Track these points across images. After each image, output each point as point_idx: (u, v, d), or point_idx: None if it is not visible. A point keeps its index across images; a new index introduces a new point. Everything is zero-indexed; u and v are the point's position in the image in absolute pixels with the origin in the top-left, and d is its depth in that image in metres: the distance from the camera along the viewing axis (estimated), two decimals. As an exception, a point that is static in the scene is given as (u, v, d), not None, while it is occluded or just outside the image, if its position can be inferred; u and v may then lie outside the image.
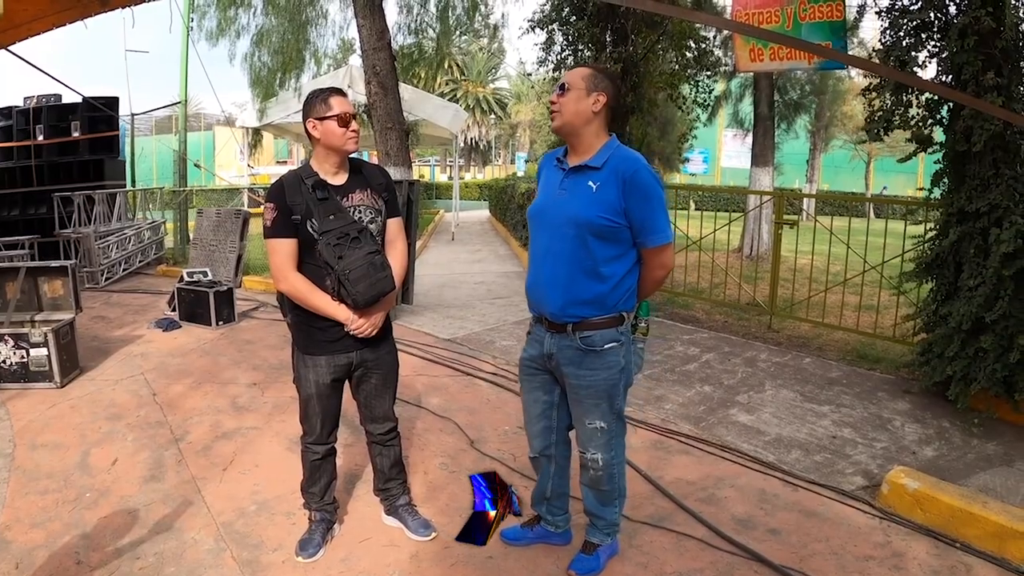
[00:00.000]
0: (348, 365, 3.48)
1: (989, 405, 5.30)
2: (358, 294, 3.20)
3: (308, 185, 3.26)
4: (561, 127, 3.12)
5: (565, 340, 3.15)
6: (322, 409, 3.53)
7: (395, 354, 3.72)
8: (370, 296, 3.24)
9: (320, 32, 12.14)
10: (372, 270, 3.23)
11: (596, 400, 3.17)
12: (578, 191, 3.05)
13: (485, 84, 56.00)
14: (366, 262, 3.21)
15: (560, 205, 3.10)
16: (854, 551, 3.66)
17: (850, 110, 25.46)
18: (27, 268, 6.64)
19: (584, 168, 3.06)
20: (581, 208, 3.01)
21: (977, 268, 5.27)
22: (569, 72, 3.14)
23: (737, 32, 12.11)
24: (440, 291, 10.86)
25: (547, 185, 3.25)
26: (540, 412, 3.43)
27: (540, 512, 3.69)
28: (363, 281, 3.20)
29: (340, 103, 3.28)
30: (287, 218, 3.24)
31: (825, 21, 10.30)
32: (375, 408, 3.69)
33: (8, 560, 3.53)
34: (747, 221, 14.26)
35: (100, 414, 5.55)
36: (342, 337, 3.38)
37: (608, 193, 2.98)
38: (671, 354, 7.10)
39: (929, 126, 5.74)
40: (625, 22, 9.53)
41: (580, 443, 3.32)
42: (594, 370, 3.13)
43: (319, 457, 3.63)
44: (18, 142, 13.05)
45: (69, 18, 8.55)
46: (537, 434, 3.48)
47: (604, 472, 3.28)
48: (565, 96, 3.06)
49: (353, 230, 3.25)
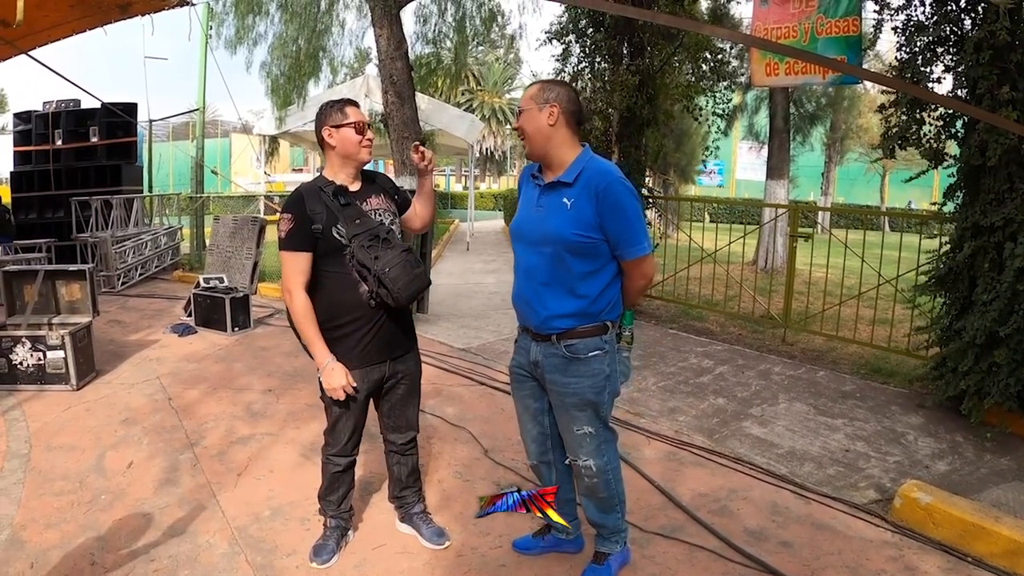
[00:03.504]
0: (380, 378, 3.49)
1: (1003, 420, 5.28)
2: (399, 291, 3.20)
3: (328, 193, 3.27)
4: (531, 152, 3.13)
5: (550, 348, 3.15)
6: (354, 423, 3.53)
7: (420, 363, 3.74)
8: (411, 292, 3.25)
9: (336, 41, 12.18)
10: (409, 267, 3.24)
11: (581, 408, 3.16)
12: (553, 208, 3.04)
13: (501, 95, 56.01)
14: (402, 260, 3.22)
15: (537, 223, 3.10)
16: (866, 564, 3.65)
17: (865, 123, 25.41)
18: (45, 271, 6.70)
19: (557, 184, 3.05)
20: (557, 226, 3.00)
21: (991, 282, 5.26)
22: (523, 98, 3.13)
23: (753, 46, 12.10)
24: (455, 301, 10.87)
25: (526, 201, 3.25)
26: (532, 418, 3.44)
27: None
28: (403, 278, 3.21)
29: (355, 112, 3.32)
30: (305, 229, 3.21)
31: (841, 36, 10.29)
32: (399, 418, 3.68)
33: (23, 560, 3.57)
34: (762, 233, 14.25)
35: (115, 417, 5.59)
36: (374, 348, 3.40)
37: (582, 209, 2.97)
38: (685, 366, 7.10)
39: (943, 141, 5.74)
40: (642, 35, 9.57)
41: (570, 451, 3.31)
42: (579, 377, 3.12)
43: (341, 469, 3.63)
44: (37, 146, 13.18)
45: (89, 25, 8.63)
46: (532, 440, 3.49)
47: (599, 479, 3.27)
48: (521, 119, 3.08)
49: (382, 232, 3.28)
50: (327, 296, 3.31)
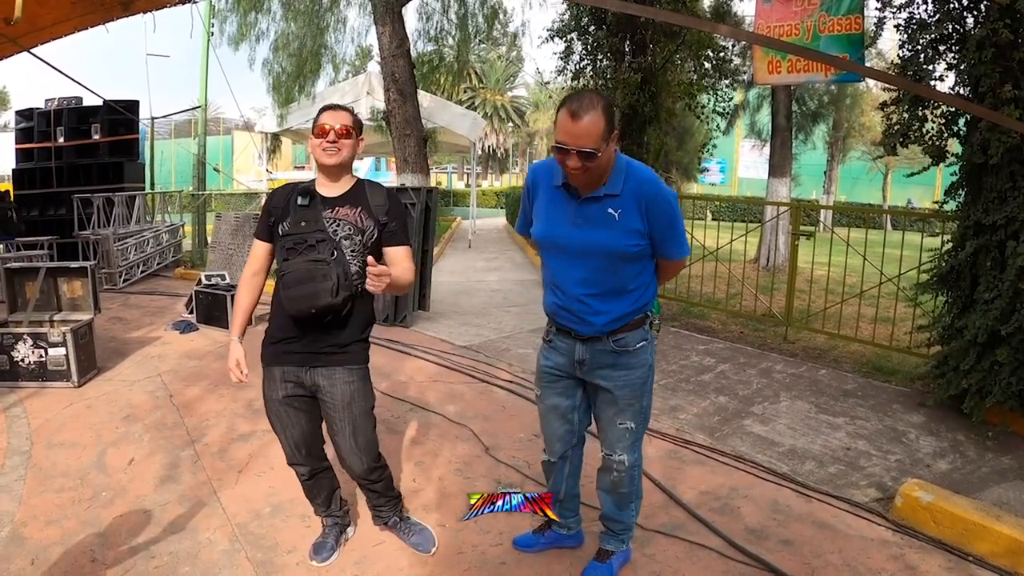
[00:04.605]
0: (299, 383, 3.28)
1: (1004, 418, 5.27)
2: (287, 300, 3.10)
3: (297, 192, 3.24)
4: (587, 184, 2.91)
5: (598, 346, 3.11)
6: (281, 428, 3.36)
7: (358, 388, 3.32)
8: (298, 305, 3.08)
9: (338, 38, 12.22)
10: (307, 280, 3.05)
11: (630, 400, 3.15)
12: (599, 219, 2.93)
13: (503, 92, 56.01)
14: (305, 268, 3.06)
15: (581, 235, 2.96)
16: (867, 563, 3.65)
17: (868, 121, 25.38)
18: (47, 268, 6.70)
19: (601, 197, 2.92)
20: (609, 238, 2.92)
21: (993, 281, 5.25)
22: (580, 135, 2.72)
23: (756, 43, 12.10)
24: (456, 298, 10.87)
25: (553, 209, 3.06)
26: (560, 416, 3.36)
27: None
28: (295, 287, 3.07)
29: (329, 116, 3.19)
30: (264, 221, 3.31)
31: (844, 34, 10.30)
32: (339, 447, 3.40)
33: (24, 556, 3.57)
34: (764, 232, 14.23)
35: (117, 414, 5.59)
36: (290, 351, 3.27)
37: (631, 220, 2.90)
38: (686, 364, 7.09)
39: (945, 138, 5.73)
40: (644, 32, 9.56)
41: (607, 445, 3.28)
42: (629, 370, 3.11)
43: (305, 478, 3.52)
44: (39, 144, 13.20)
45: (91, 22, 8.63)
46: (559, 438, 3.42)
47: (626, 474, 3.27)
48: (584, 162, 2.76)
49: (313, 238, 3.11)
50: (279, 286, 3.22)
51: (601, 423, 3.29)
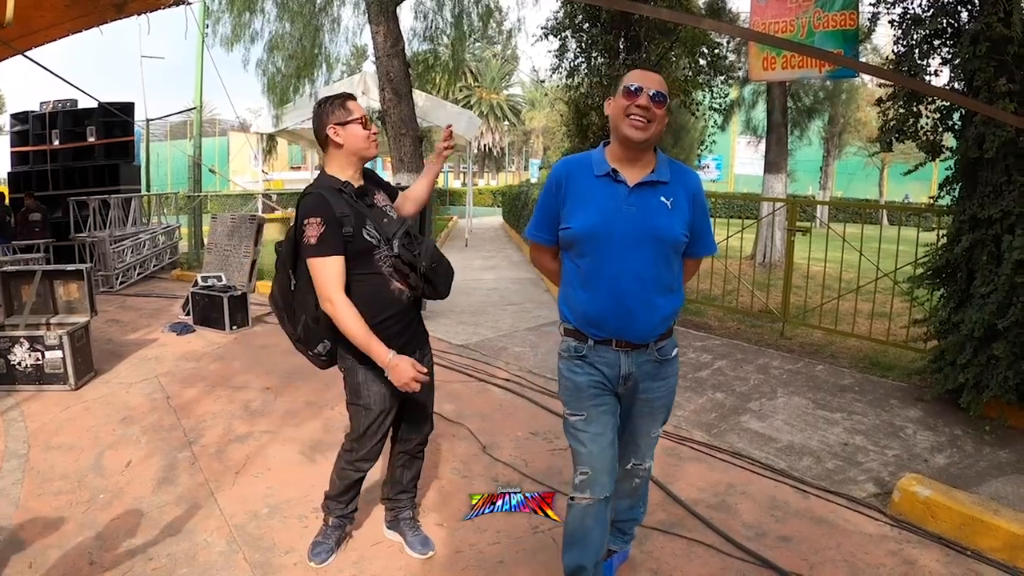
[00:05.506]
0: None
1: (1001, 413, 5.28)
2: (440, 283, 3.28)
3: (350, 194, 3.13)
4: (648, 139, 2.76)
5: (643, 356, 2.91)
6: (388, 425, 3.42)
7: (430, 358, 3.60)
8: (449, 283, 3.34)
9: (333, 38, 12.18)
10: (444, 260, 3.32)
11: (666, 409, 3.08)
12: (652, 208, 2.79)
13: (499, 91, 56.03)
14: (438, 255, 3.28)
15: (633, 223, 2.76)
16: (865, 559, 3.65)
17: (863, 116, 25.41)
18: (43, 271, 6.69)
19: (654, 182, 2.80)
20: (665, 226, 2.78)
21: (989, 275, 5.25)
22: (654, 80, 2.76)
23: (751, 39, 12.11)
24: (453, 297, 10.74)
25: (598, 200, 2.83)
26: (610, 440, 2.96)
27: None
28: (442, 271, 3.28)
29: (357, 107, 3.21)
30: (336, 232, 3.02)
31: (838, 30, 10.33)
32: (422, 413, 3.60)
33: (22, 559, 3.56)
34: (760, 228, 14.22)
35: (114, 417, 5.59)
36: (409, 343, 3.29)
37: (683, 208, 2.82)
38: (683, 361, 7.08)
39: (940, 133, 5.73)
40: (639, 29, 9.57)
41: (639, 456, 3.13)
42: (666, 379, 3.01)
43: (363, 475, 3.54)
44: (34, 146, 13.21)
45: (85, 24, 8.62)
46: (605, 469, 2.93)
47: (646, 477, 3.22)
48: (662, 109, 2.75)
49: (407, 227, 3.28)
50: (357, 298, 3.09)
51: (632, 436, 3.10)
